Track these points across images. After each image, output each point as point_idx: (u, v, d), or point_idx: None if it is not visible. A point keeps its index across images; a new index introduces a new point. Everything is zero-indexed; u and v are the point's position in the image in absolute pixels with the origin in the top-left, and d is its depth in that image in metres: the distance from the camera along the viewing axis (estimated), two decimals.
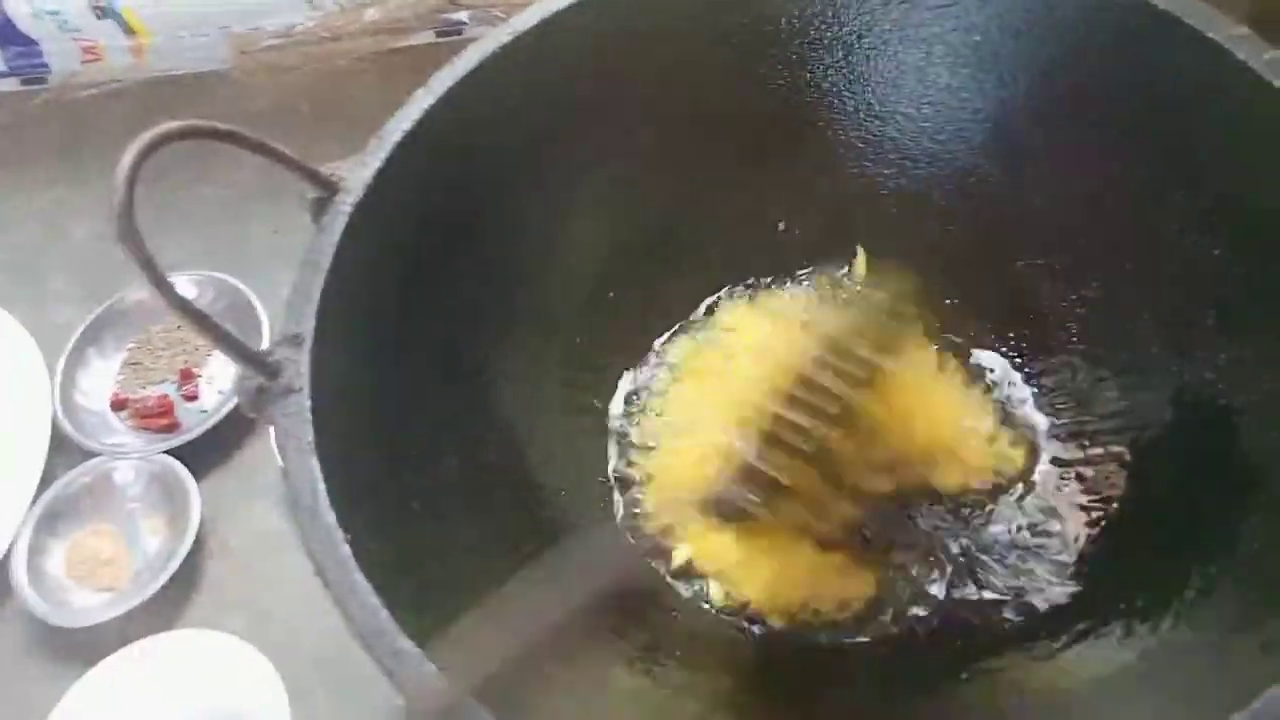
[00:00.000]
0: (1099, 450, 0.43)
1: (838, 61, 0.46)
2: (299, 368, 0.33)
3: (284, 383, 0.33)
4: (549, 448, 0.46)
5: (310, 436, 0.32)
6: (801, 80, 0.46)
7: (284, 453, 0.32)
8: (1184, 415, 0.40)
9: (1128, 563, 0.39)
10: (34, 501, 0.60)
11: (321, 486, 0.31)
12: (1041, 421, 0.46)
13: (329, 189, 0.37)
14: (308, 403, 0.33)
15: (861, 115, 0.47)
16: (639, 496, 0.48)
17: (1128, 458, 0.42)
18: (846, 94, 0.46)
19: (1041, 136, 0.44)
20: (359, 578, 0.29)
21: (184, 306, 0.31)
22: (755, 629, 0.44)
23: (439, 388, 0.41)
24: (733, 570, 0.45)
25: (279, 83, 0.82)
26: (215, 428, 0.62)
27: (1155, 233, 0.41)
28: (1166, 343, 0.41)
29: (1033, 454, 0.46)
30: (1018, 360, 0.48)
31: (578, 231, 0.48)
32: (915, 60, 0.45)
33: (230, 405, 0.63)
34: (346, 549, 0.30)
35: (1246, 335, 0.38)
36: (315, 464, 0.31)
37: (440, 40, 0.83)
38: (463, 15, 0.83)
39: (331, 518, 0.30)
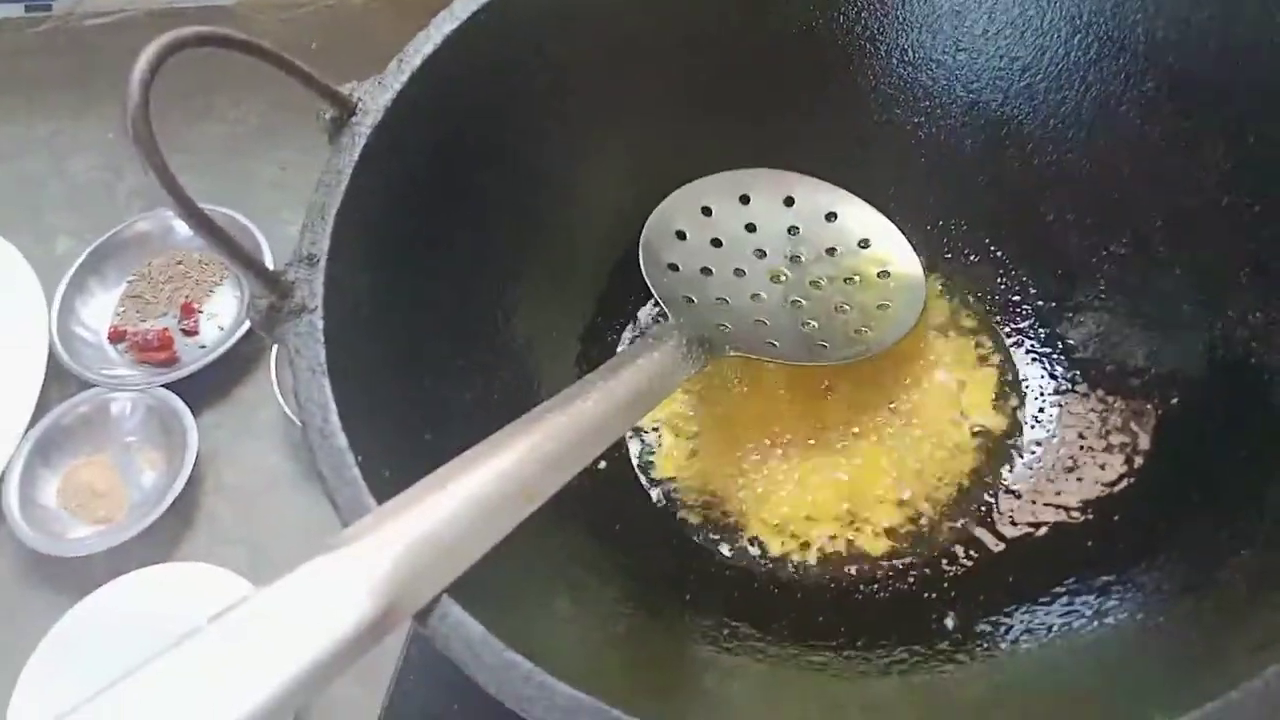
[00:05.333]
0: (1124, 404, 0.42)
1: (872, 3, 0.44)
2: (312, 287, 0.32)
3: (296, 302, 0.32)
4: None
5: (322, 357, 0.31)
6: (833, 22, 0.45)
7: (296, 372, 0.31)
8: (1214, 373, 0.39)
9: (1148, 519, 0.38)
10: (28, 430, 0.59)
11: (333, 407, 0.30)
12: (1063, 374, 0.46)
13: (347, 109, 0.36)
14: (320, 323, 0.32)
15: (894, 61, 0.45)
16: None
17: (1154, 413, 0.41)
18: (879, 38, 0.45)
19: (1077, 88, 0.42)
20: (370, 502, 0.29)
21: (195, 213, 0.31)
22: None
23: (453, 319, 0.40)
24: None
25: (286, 19, 0.81)
26: (214, 364, 0.62)
27: (1190, 186, 0.40)
28: (1198, 299, 0.40)
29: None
30: (1043, 313, 0.47)
31: (597, 178, 0.47)
32: (952, 4, 0.44)
33: (230, 342, 0.62)
34: (357, 472, 0.29)
35: None
36: (327, 384, 0.30)
37: None
38: None
39: (343, 440, 0.30)
